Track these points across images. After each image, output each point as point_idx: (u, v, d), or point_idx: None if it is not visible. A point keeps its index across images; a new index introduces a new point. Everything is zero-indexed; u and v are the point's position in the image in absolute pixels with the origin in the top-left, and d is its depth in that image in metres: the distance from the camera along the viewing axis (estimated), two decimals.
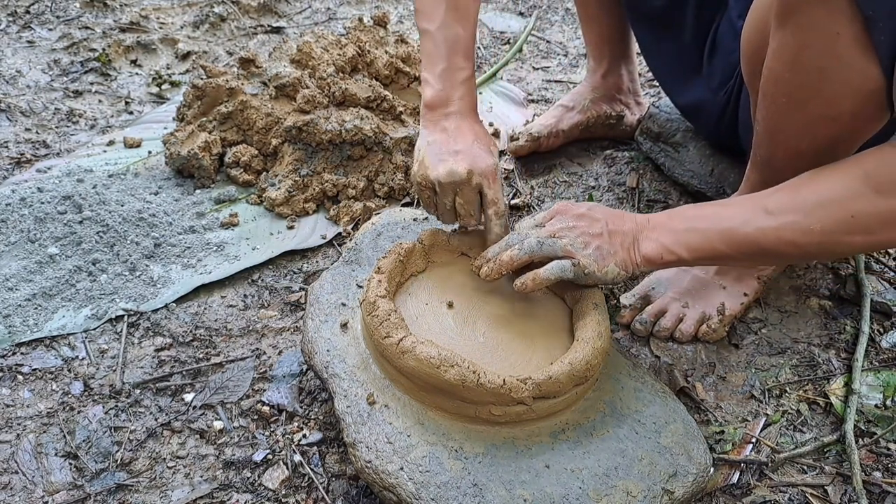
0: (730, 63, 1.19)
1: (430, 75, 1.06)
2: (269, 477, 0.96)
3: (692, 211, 0.95)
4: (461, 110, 1.05)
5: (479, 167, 1.01)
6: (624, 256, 0.93)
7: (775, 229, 0.85)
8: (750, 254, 0.89)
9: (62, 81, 1.85)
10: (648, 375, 0.99)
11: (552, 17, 2.32)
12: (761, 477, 0.97)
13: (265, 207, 1.44)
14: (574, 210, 0.96)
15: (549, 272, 0.91)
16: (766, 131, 0.97)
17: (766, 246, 0.86)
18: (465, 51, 1.06)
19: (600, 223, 0.94)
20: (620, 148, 1.61)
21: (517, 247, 0.93)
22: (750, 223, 0.87)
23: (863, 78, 0.79)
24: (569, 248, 0.91)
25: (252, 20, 2.21)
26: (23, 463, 0.96)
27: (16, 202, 1.34)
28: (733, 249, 0.89)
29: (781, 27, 0.83)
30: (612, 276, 0.93)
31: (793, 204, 0.85)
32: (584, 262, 0.91)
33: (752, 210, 0.88)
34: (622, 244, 0.93)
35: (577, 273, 0.91)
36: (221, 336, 1.18)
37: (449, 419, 0.87)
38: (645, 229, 0.93)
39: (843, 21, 0.76)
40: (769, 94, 0.92)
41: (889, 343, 1.16)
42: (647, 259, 0.92)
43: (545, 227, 0.95)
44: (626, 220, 0.95)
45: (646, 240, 0.93)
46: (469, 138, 1.04)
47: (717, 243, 0.89)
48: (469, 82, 1.07)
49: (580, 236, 0.92)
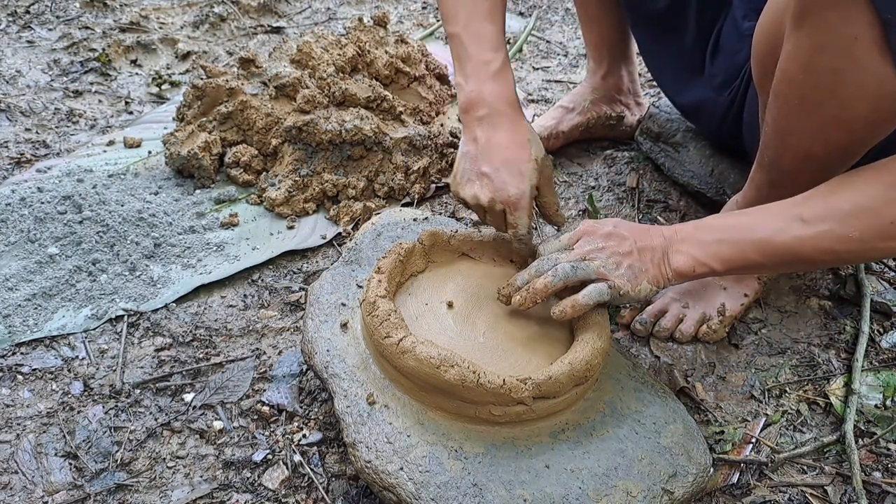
0: (734, 64, 1.19)
1: (461, 77, 1.04)
2: (269, 477, 0.96)
3: (720, 221, 0.94)
4: (493, 111, 1.01)
5: (501, 196, 0.99)
6: (655, 272, 0.91)
7: (812, 238, 0.84)
8: (785, 262, 0.89)
9: (62, 81, 1.85)
10: (648, 375, 0.99)
11: (552, 17, 2.32)
12: (761, 477, 0.97)
13: (265, 207, 1.44)
14: (600, 230, 0.93)
15: (587, 298, 0.89)
16: (776, 132, 0.97)
17: (803, 254, 0.86)
18: (492, 44, 1.03)
19: (629, 241, 0.92)
20: (620, 148, 1.61)
21: (550, 273, 0.90)
22: (785, 232, 0.86)
23: (879, 82, 0.78)
24: (602, 270, 0.89)
25: (252, 20, 2.21)
26: (23, 463, 0.96)
27: (16, 202, 1.34)
28: (768, 259, 0.88)
29: (797, 28, 0.83)
30: (645, 294, 0.91)
31: (828, 211, 0.84)
32: (618, 283, 0.89)
33: (785, 219, 0.87)
34: (652, 260, 0.91)
35: (613, 294, 0.89)
36: (221, 336, 1.18)
37: (449, 419, 0.87)
38: (674, 243, 0.92)
39: (860, 24, 0.75)
40: (782, 95, 0.91)
41: (889, 343, 1.16)
42: (678, 273, 0.91)
43: (574, 251, 0.92)
44: (654, 234, 0.93)
45: (676, 253, 0.91)
46: (498, 158, 0.99)
47: (751, 253, 0.88)
48: (501, 74, 1.02)
49: (611, 257, 0.90)
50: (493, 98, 1.01)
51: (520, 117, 1.03)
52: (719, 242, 0.90)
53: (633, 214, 1.44)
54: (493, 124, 1.01)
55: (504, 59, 1.03)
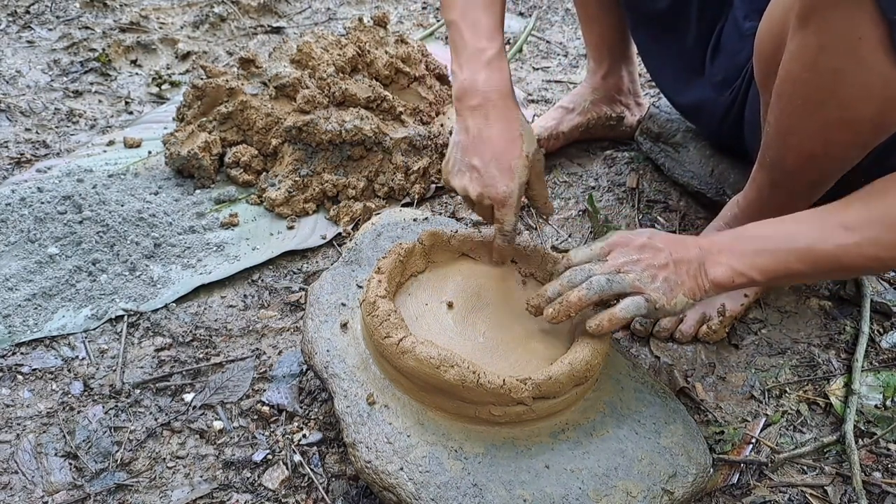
0: (735, 64, 1.19)
1: (456, 65, 1.03)
2: (269, 477, 0.96)
3: (758, 231, 0.91)
4: (486, 100, 0.99)
5: (489, 192, 0.98)
6: (691, 285, 0.88)
7: (856, 245, 0.83)
8: (827, 271, 0.88)
9: (62, 81, 1.85)
10: (648, 376, 0.99)
11: (552, 17, 2.32)
12: (761, 477, 0.97)
13: (265, 207, 1.44)
14: (635, 241, 0.90)
15: (625, 312, 0.87)
16: (779, 133, 0.96)
17: (847, 262, 0.84)
18: (488, 33, 1.01)
19: (664, 253, 0.89)
20: (620, 148, 1.61)
21: (585, 286, 0.87)
22: (828, 240, 0.84)
23: (884, 83, 0.78)
24: (637, 283, 0.86)
25: (252, 20, 2.21)
26: (23, 463, 0.96)
27: (16, 202, 1.34)
28: (810, 267, 0.86)
29: (802, 28, 0.82)
30: (680, 307, 0.88)
31: (871, 218, 0.82)
32: (654, 296, 0.86)
33: (827, 226, 0.85)
34: (688, 272, 0.89)
35: (650, 308, 0.87)
36: (221, 336, 1.18)
37: (449, 419, 0.87)
38: (711, 254, 0.89)
39: (866, 25, 0.75)
40: (785, 95, 0.91)
41: (889, 343, 1.16)
42: (716, 284, 0.89)
43: (608, 262, 0.89)
44: (689, 246, 0.90)
45: (714, 265, 0.89)
46: (488, 152, 0.98)
47: (793, 263, 0.86)
48: (495, 62, 1.01)
49: (646, 269, 0.88)
50: (487, 87, 1.00)
51: (512, 108, 1.01)
52: (759, 252, 0.88)
53: (632, 214, 1.44)
54: (486, 115, 1.00)
55: (499, 48, 1.02)
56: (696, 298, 0.89)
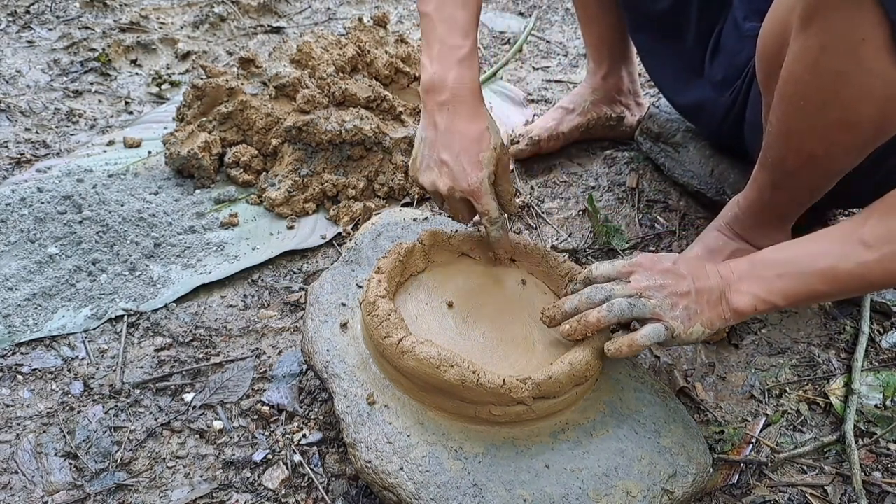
0: (734, 64, 1.19)
1: (426, 58, 1.02)
2: (269, 477, 0.96)
3: (777, 255, 0.89)
4: (455, 97, 1.00)
5: (461, 185, 0.98)
6: (710, 315, 0.87)
7: (878, 261, 0.81)
8: (851, 289, 0.86)
9: (62, 81, 1.85)
10: (648, 375, 0.99)
11: (552, 17, 2.32)
12: (761, 477, 0.97)
13: (265, 207, 1.44)
14: (659, 265, 0.90)
15: (645, 339, 0.85)
16: (780, 133, 0.96)
17: (870, 279, 0.83)
18: (463, 30, 1.01)
19: (687, 281, 0.88)
20: (620, 148, 1.61)
21: (606, 308, 0.87)
22: (849, 259, 0.82)
23: (886, 84, 0.78)
24: (657, 310, 0.86)
25: (252, 20, 2.21)
26: (23, 463, 0.96)
27: (16, 202, 1.34)
28: (834, 288, 0.85)
29: (804, 29, 0.82)
30: (696, 337, 0.87)
31: (890, 233, 0.81)
32: (672, 324, 0.85)
33: (847, 244, 0.83)
34: (709, 301, 0.88)
35: (667, 337, 0.86)
36: (221, 336, 1.18)
37: (449, 419, 0.87)
38: (731, 283, 0.88)
39: (868, 26, 0.75)
40: (787, 96, 0.91)
41: (889, 343, 1.16)
42: (738, 312, 0.87)
43: (630, 284, 0.88)
44: (710, 274, 0.89)
45: (735, 293, 0.87)
46: (457, 145, 0.99)
47: (817, 284, 0.85)
48: (467, 61, 1.01)
49: (668, 297, 0.87)
50: (457, 84, 1.00)
51: (480, 105, 1.02)
52: (781, 277, 0.86)
53: (632, 214, 1.44)
54: (454, 111, 1.00)
55: (472, 46, 1.02)
56: (714, 328, 0.88)
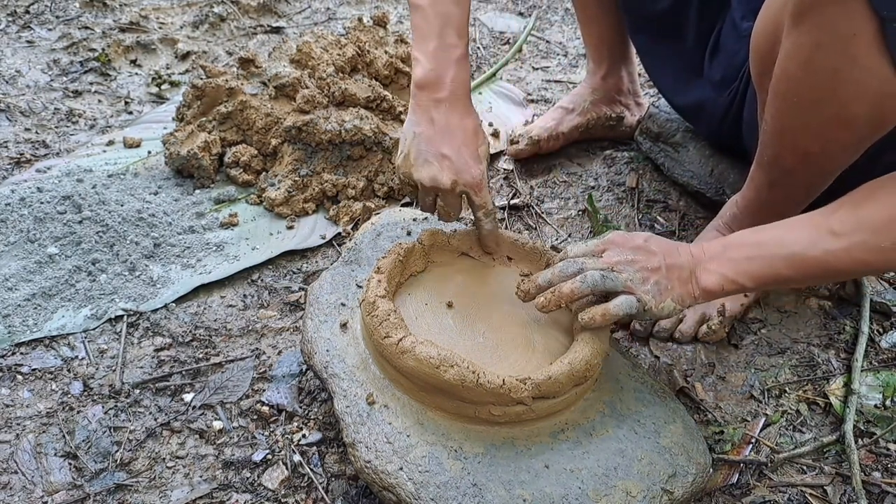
0: (733, 64, 1.19)
1: (421, 53, 1.02)
2: (269, 477, 0.96)
3: (748, 238, 0.92)
4: (452, 95, 1.01)
5: (464, 178, 0.99)
6: (681, 291, 0.90)
7: (845, 250, 0.83)
8: (816, 276, 0.88)
9: (62, 81, 1.85)
10: (648, 376, 0.99)
11: (552, 17, 2.32)
12: (761, 477, 0.97)
13: (265, 207, 1.44)
14: (631, 242, 0.92)
15: (618, 308, 0.87)
16: (775, 131, 0.97)
17: (835, 267, 0.85)
18: (457, 28, 1.02)
19: (657, 257, 0.90)
20: (620, 148, 1.61)
21: (579, 280, 0.89)
22: (817, 246, 0.85)
23: (878, 80, 0.78)
24: (629, 283, 0.88)
25: (252, 20, 2.21)
26: (22, 463, 0.96)
27: (15, 202, 1.34)
28: (800, 273, 0.87)
29: (796, 27, 0.83)
30: (668, 312, 0.90)
31: (859, 223, 0.83)
32: (644, 298, 0.88)
33: (815, 232, 0.85)
34: (679, 278, 0.90)
35: (639, 309, 0.88)
36: (221, 336, 1.18)
37: (448, 419, 0.87)
38: (702, 262, 0.90)
39: (859, 22, 0.75)
40: (780, 93, 0.91)
41: (888, 343, 1.16)
42: (707, 291, 0.90)
43: (602, 259, 0.91)
44: (682, 252, 0.92)
45: (704, 272, 0.90)
46: (457, 139, 1.00)
47: (783, 269, 0.87)
48: (462, 62, 1.02)
49: (639, 271, 0.89)
50: (455, 84, 1.01)
51: (471, 104, 1.05)
52: (749, 260, 0.88)
53: (632, 214, 1.44)
54: (451, 107, 1.01)
55: (465, 48, 1.04)
56: (685, 305, 0.90)
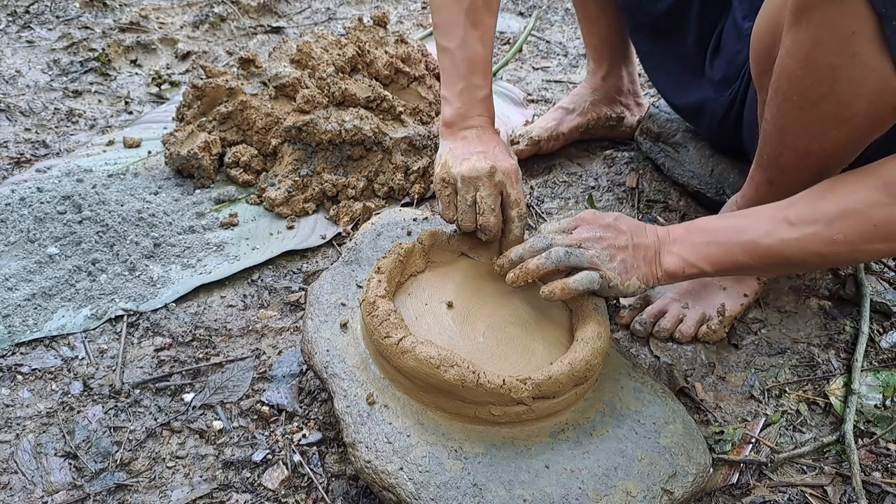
0: (734, 64, 1.19)
1: (450, 94, 1.10)
2: (269, 477, 0.96)
3: (711, 223, 0.95)
4: (479, 126, 1.10)
5: (503, 166, 1.03)
6: (646, 271, 0.93)
7: (798, 240, 0.86)
8: (773, 264, 0.90)
9: (62, 81, 1.85)
10: (648, 376, 0.99)
11: (552, 17, 2.32)
12: (761, 477, 0.97)
13: (265, 207, 1.44)
14: (600, 220, 0.95)
15: (577, 283, 0.91)
16: (775, 130, 0.97)
17: (790, 256, 0.87)
18: (483, 70, 1.10)
19: (626, 236, 0.94)
20: (620, 148, 1.62)
21: (544, 256, 0.93)
22: (772, 235, 0.87)
23: (877, 78, 0.78)
24: (595, 259, 0.91)
25: (252, 20, 2.21)
26: (22, 463, 0.96)
27: (15, 202, 1.34)
28: (756, 261, 0.89)
29: (795, 24, 0.83)
30: (633, 290, 0.93)
31: (814, 215, 0.85)
32: (609, 274, 0.91)
33: (773, 221, 0.88)
34: (645, 258, 0.93)
35: (603, 285, 0.91)
36: (221, 336, 1.18)
37: (448, 419, 0.87)
38: (666, 243, 0.94)
39: (858, 19, 0.75)
40: (780, 92, 0.91)
41: (888, 343, 1.16)
42: (668, 273, 0.93)
43: (572, 235, 0.94)
44: (649, 233, 0.95)
45: (667, 254, 0.93)
46: (491, 143, 1.08)
47: (740, 255, 0.90)
48: (487, 101, 1.11)
49: (606, 248, 0.92)
50: (479, 119, 1.11)
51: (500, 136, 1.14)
52: (708, 244, 0.91)
53: (633, 214, 1.44)
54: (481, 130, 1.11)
55: (490, 87, 1.13)
56: (649, 284, 0.94)
